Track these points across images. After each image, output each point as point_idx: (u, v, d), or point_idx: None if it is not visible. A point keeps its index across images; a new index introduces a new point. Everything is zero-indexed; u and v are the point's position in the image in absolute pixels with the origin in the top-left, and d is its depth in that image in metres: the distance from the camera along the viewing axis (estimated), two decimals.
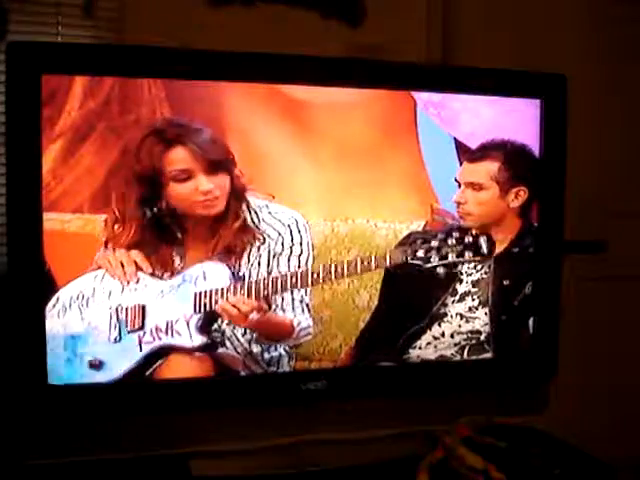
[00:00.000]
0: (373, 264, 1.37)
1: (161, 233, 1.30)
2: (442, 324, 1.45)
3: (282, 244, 1.34)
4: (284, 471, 1.54)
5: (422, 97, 1.41)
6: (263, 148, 1.34)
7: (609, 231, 1.76)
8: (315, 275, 1.35)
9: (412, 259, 1.36)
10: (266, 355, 1.38)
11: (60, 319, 1.28)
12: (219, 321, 1.34)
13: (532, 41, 1.64)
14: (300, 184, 1.36)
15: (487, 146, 1.42)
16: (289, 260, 1.34)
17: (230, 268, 1.33)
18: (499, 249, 1.45)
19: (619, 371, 1.78)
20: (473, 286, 1.45)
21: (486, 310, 1.46)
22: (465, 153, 1.42)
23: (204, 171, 1.28)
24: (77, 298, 1.28)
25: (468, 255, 1.33)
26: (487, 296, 1.45)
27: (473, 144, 1.43)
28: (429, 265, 1.36)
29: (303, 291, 1.36)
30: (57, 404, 1.32)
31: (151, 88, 1.27)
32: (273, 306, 1.35)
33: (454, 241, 1.33)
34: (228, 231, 1.32)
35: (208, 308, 1.33)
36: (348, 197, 1.38)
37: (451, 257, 1.34)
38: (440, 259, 1.35)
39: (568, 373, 1.63)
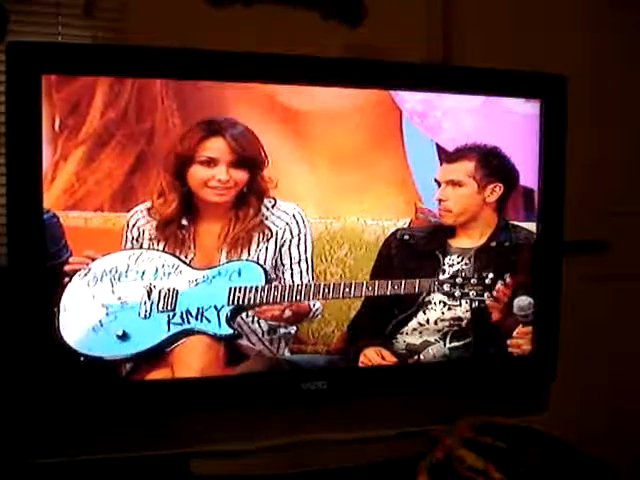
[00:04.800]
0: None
1: (185, 214, 1.40)
2: (427, 312, 1.52)
3: (290, 232, 1.44)
4: (284, 471, 1.55)
5: (407, 107, 1.50)
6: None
7: (609, 231, 1.77)
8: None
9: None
10: (266, 336, 1.45)
11: (90, 288, 1.36)
12: (245, 313, 1.42)
13: (532, 41, 1.65)
14: (297, 185, 1.45)
15: (462, 149, 1.52)
16: (298, 247, 1.45)
17: (263, 268, 1.43)
18: (479, 242, 1.53)
19: (619, 371, 1.78)
20: (455, 276, 1.52)
21: (467, 299, 1.53)
22: (444, 156, 1.52)
23: (228, 163, 1.38)
24: (109, 272, 1.36)
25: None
26: (467, 286, 1.52)
27: (451, 148, 1.52)
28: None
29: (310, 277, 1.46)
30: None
31: (164, 99, 1.36)
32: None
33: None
34: (244, 223, 1.42)
35: (241, 302, 1.41)
36: (340, 197, 1.48)
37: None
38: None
39: (568, 373, 1.63)
